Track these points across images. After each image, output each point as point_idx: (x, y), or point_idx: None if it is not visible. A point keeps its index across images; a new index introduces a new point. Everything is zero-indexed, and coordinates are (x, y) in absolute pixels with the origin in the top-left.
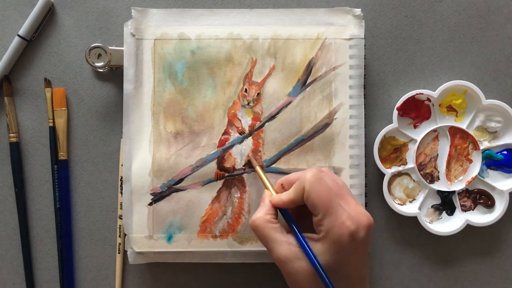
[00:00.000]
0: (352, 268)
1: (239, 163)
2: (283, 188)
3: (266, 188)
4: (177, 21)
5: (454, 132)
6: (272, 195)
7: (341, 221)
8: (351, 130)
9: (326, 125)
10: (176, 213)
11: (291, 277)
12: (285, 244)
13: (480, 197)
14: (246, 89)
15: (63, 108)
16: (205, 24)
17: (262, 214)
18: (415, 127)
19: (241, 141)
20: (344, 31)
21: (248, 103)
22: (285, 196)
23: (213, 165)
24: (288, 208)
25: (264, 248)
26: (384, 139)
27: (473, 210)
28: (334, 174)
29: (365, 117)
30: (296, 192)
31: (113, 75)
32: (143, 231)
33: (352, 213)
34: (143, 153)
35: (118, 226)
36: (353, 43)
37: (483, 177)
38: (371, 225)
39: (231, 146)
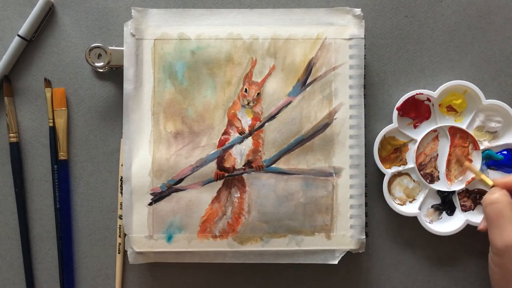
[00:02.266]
0: None
1: (239, 163)
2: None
3: (482, 179)
4: (177, 21)
5: (454, 132)
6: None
7: None
8: (351, 130)
9: (326, 125)
10: (176, 213)
11: None
12: None
13: (480, 197)
14: (246, 89)
15: (63, 108)
16: (205, 24)
17: (505, 193)
18: (415, 127)
19: (241, 141)
20: (344, 31)
21: (248, 103)
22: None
23: (213, 165)
24: None
25: (263, 248)
26: (384, 139)
27: (473, 210)
28: None
29: (365, 117)
30: None
31: (113, 75)
32: (143, 231)
33: None
34: (143, 153)
35: (118, 226)
36: (353, 43)
37: None
38: None
39: (231, 146)
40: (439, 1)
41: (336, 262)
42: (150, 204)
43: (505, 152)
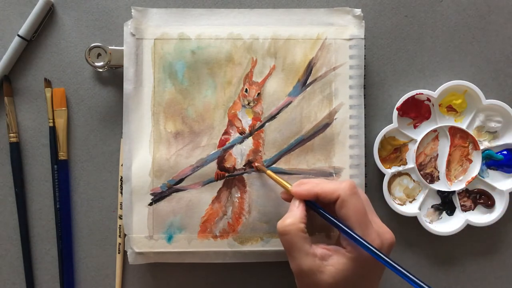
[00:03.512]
0: (369, 283)
1: (240, 163)
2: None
3: (283, 186)
4: (177, 21)
5: (454, 132)
6: (291, 188)
7: (372, 238)
8: (351, 130)
9: (326, 125)
10: (176, 213)
11: None
12: (310, 257)
13: (480, 197)
14: (246, 89)
15: (63, 108)
16: (205, 24)
17: (295, 221)
18: (415, 127)
19: (241, 141)
20: (344, 31)
21: (249, 103)
22: (305, 187)
23: (213, 165)
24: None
25: (264, 248)
26: (384, 139)
27: (473, 210)
28: (361, 189)
29: (365, 117)
30: (324, 190)
31: (113, 75)
32: (143, 231)
33: (379, 230)
34: (143, 153)
35: (118, 226)
36: (353, 43)
37: (483, 177)
38: (394, 243)
39: (232, 146)
40: (439, 1)
41: None
42: (150, 204)
43: (505, 152)
